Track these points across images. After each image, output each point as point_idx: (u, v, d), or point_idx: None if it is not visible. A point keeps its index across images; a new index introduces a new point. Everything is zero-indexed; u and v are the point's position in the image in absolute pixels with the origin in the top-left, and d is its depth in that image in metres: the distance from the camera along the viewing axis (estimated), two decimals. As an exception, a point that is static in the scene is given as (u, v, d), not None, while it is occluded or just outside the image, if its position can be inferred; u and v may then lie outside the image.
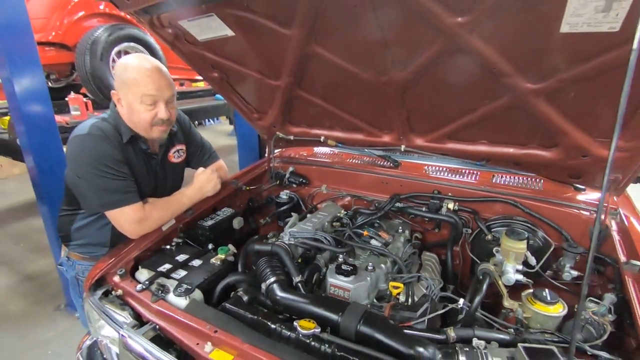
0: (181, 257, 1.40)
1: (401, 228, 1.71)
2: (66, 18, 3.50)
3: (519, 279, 1.24)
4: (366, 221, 1.69)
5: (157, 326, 1.10)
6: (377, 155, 2.01)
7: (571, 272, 1.36)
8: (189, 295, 1.17)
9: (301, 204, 2.08)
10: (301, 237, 1.50)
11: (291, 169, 2.16)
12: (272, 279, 1.24)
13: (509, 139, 1.51)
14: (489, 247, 1.45)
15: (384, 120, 1.72)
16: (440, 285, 1.39)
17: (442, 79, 1.32)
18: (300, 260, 1.49)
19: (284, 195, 2.05)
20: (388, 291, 1.33)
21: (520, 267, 1.26)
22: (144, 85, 1.37)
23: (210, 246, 1.50)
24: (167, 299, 1.17)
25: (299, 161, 2.23)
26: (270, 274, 1.27)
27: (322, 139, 1.97)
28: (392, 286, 1.29)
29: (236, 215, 1.76)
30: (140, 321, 1.14)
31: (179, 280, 1.25)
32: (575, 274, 1.35)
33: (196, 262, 1.38)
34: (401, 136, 1.75)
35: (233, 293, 1.25)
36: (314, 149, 2.33)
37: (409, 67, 1.30)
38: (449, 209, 1.66)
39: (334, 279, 1.29)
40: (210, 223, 1.63)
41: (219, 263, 1.37)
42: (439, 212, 1.68)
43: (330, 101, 1.72)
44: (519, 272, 1.26)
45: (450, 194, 1.74)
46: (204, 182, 1.67)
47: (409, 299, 1.28)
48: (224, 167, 1.92)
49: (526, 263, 1.30)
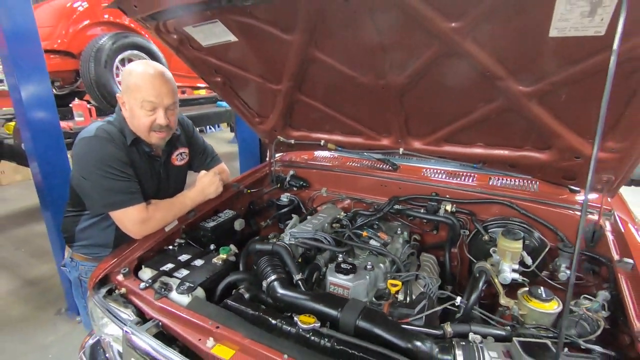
0: (183, 257, 1.42)
1: (400, 230, 1.73)
2: (71, 27, 3.56)
3: (515, 277, 1.26)
4: (365, 222, 1.71)
5: (160, 323, 1.12)
6: (376, 158, 2.04)
7: (567, 272, 1.38)
8: (192, 292, 1.19)
9: (301, 206, 2.10)
10: (301, 237, 1.52)
11: (292, 172, 2.19)
12: (273, 277, 1.27)
13: (504, 141, 1.55)
14: (486, 247, 1.47)
15: (382, 124, 1.75)
16: (438, 284, 1.40)
17: (438, 83, 1.36)
18: (301, 260, 1.52)
19: (284, 198, 2.07)
20: (387, 290, 1.35)
21: (517, 266, 1.28)
22: (144, 91, 1.41)
23: (212, 247, 1.52)
24: (170, 297, 1.19)
25: (300, 164, 2.26)
26: (271, 272, 1.29)
27: (322, 142, 2.01)
28: (391, 284, 1.31)
29: (237, 217, 1.79)
30: (143, 318, 1.15)
31: (182, 279, 1.27)
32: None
33: (198, 262, 1.40)
34: (399, 139, 1.78)
35: (234, 291, 1.27)
36: (315, 152, 2.36)
37: (406, 71, 1.34)
38: (446, 210, 1.69)
39: (334, 278, 1.31)
40: (212, 224, 1.65)
41: (220, 263, 1.39)
42: (437, 213, 1.70)
43: (330, 105, 1.76)
44: (515, 271, 1.27)
45: (448, 196, 1.77)
46: (206, 185, 1.70)
47: (407, 297, 1.30)
48: (226, 170, 1.95)
49: (523, 263, 1.33)
